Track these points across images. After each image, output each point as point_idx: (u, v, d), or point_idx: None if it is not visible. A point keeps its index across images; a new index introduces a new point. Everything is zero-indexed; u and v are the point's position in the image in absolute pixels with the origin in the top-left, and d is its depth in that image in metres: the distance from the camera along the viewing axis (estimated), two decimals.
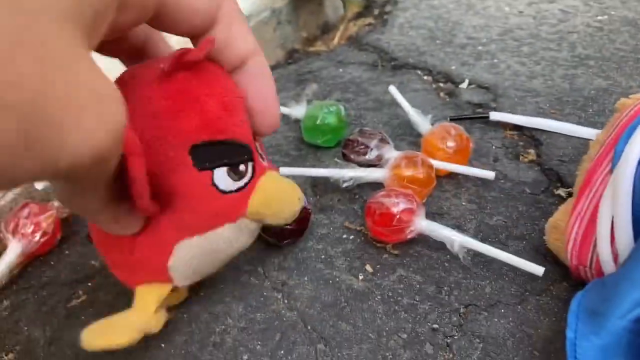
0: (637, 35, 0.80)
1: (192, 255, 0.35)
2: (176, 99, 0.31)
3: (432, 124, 0.58)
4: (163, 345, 0.42)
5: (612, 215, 0.40)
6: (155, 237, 0.34)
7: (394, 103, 0.63)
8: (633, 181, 0.39)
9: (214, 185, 0.34)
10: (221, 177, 0.34)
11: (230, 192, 0.35)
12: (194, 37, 0.31)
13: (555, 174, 0.56)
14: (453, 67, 0.74)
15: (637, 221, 0.39)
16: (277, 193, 0.38)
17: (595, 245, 0.41)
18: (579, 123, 0.63)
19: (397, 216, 0.46)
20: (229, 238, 0.36)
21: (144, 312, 0.36)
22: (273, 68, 0.77)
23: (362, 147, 0.55)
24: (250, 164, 0.35)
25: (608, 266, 0.40)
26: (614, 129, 0.44)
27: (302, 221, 0.48)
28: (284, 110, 0.65)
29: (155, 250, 0.35)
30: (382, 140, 0.55)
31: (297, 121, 0.63)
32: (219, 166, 0.34)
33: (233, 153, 0.34)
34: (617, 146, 0.42)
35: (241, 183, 0.35)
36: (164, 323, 0.38)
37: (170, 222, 0.34)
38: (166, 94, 0.31)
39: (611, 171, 0.42)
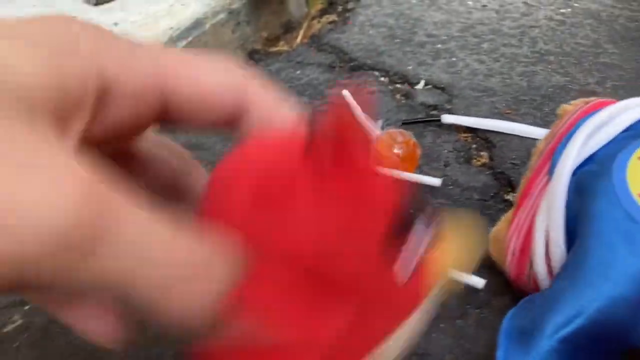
0: (599, 29, 0.79)
1: None
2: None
3: (382, 129, 0.57)
4: None
5: (547, 229, 0.39)
6: None
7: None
8: (567, 195, 0.39)
9: None
10: None
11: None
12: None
13: (506, 179, 0.55)
14: (410, 67, 0.73)
15: (572, 237, 0.38)
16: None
17: (531, 259, 0.41)
18: (534, 123, 0.62)
19: None
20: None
21: None
22: None
23: None
24: None
25: (544, 281, 0.40)
26: (552, 137, 0.43)
27: None
28: None
29: None
30: None
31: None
32: None
33: None
34: (554, 156, 0.42)
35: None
36: None
37: None
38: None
39: (548, 183, 0.41)
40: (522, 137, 0.60)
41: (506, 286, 0.45)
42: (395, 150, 0.53)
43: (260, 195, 0.18)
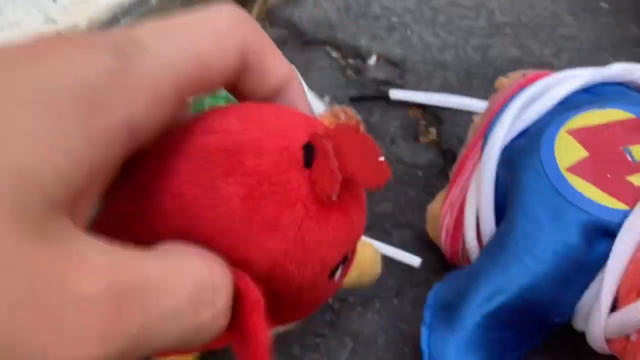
0: (559, 0, 0.78)
1: None
2: None
3: (328, 107, 0.55)
4: None
5: (477, 204, 0.38)
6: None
7: None
8: (496, 170, 0.38)
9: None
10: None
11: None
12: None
13: (452, 155, 0.54)
14: (363, 41, 0.71)
15: (501, 211, 0.37)
16: (367, 263, 0.36)
17: (464, 237, 0.40)
18: (486, 97, 0.60)
19: None
20: None
21: None
22: None
23: None
24: None
25: (475, 257, 0.39)
26: (488, 112, 0.42)
27: None
28: None
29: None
30: None
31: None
32: None
33: None
34: (487, 132, 0.41)
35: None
36: None
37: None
38: None
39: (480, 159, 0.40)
40: (472, 112, 0.59)
41: (443, 264, 0.44)
42: None
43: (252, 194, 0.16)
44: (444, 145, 0.55)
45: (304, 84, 0.62)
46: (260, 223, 0.15)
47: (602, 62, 0.66)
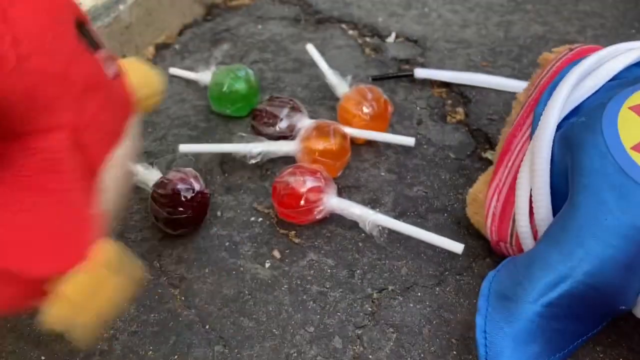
0: None
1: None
2: None
3: (351, 86, 0.52)
4: (43, 357, 0.37)
5: (531, 186, 0.36)
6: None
7: (315, 63, 0.57)
8: (552, 149, 0.36)
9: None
10: None
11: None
12: None
13: (483, 135, 0.52)
14: (380, 19, 0.68)
15: (557, 194, 0.35)
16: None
17: (514, 220, 0.38)
18: (512, 75, 0.58)
19: (304, 196, 0.42)
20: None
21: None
22: (187, 26, 0.70)
23: (271, 117, 0.49)
24: None
25: (528, 243, 0.37)
26: (534, 88, 0.40)
27: (199, 207, 0.43)
28: (192, 75, 0.59)
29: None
30: (294, 109, 0.50)
31: (206, 88, 0.57)
32: None
33: None
34: (537, 108, 0.38)
35: None
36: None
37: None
38: None
39: (531, 137, 0.38)
40: (499, 90, 0.56)
41: (486, 250, 0.42)
42: (365, 109, 0.49)
43: None
44: (473, 125, 0.53)
45: (324, 62, 0.57)
46: None
47: (629, 37, 0.64)
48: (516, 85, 0.55)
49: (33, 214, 0.24)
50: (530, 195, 0.36)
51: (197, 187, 0.42)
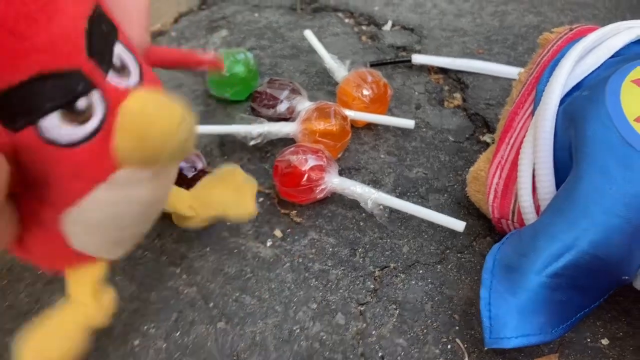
0: None
1: (84, 229, 0.28)
2: None
3: (350, 71, 0.52)
4: None
5: (534, 162, 0.36)
6: (37, 223, 0.28)
7: (312, 50, 0.57)
8: (555, 124, 0.36)
9: (49, 141, 0.23)
10: (54, 127, 0.23)
11: (79, 143, 0.24)
12: None
13: (481, 119, 0.52)
14: (376, 8, 0.68)
15: (560, 168, 0.35)
16: (150, 119, 0.25)
17: (517, 196, 0.38)
18: (508, 62, 0.59)
19: (306, 175, 0.42)
20: (112, 201, 0.27)
21: (81, 303, 0.31)
22: (184, 15, 0.70)
23: (271, 99, 0.49)
24: (95, 94, 0.24)
25: (530, 218, 0.37)
26: (535, 66, 0.40)
27: None
28: None
29: (46, 237, 0.28)
30: (294, 91, 0.50)
31: (204, 74, 0.57)
32: (39, 116, 0.23)
33: (53, 90, 0.23)
34: (538, 85, 0.39)
35: (92, 125, 0.24)
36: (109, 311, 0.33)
37: (37, 200, 0.27)
38: None
39: (533, 114, 0.38)
40: (495, 77, 0.57)
41: (486, 229, 0.42)
42: (365, 92, 0.49)
43: None
44: (470, 110, 0.53)
45: (324, 49, 0.58)
46: None
47: None
48: (513, 72, 0.56)
49: None
50: (533, 170, 0.36)
51: (199, 165, 0.42)
